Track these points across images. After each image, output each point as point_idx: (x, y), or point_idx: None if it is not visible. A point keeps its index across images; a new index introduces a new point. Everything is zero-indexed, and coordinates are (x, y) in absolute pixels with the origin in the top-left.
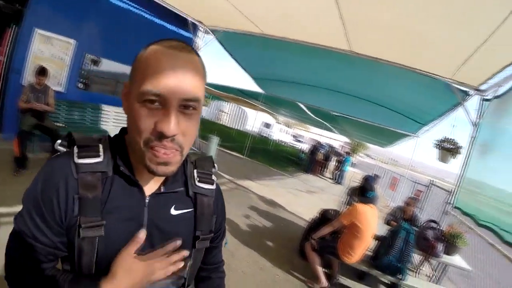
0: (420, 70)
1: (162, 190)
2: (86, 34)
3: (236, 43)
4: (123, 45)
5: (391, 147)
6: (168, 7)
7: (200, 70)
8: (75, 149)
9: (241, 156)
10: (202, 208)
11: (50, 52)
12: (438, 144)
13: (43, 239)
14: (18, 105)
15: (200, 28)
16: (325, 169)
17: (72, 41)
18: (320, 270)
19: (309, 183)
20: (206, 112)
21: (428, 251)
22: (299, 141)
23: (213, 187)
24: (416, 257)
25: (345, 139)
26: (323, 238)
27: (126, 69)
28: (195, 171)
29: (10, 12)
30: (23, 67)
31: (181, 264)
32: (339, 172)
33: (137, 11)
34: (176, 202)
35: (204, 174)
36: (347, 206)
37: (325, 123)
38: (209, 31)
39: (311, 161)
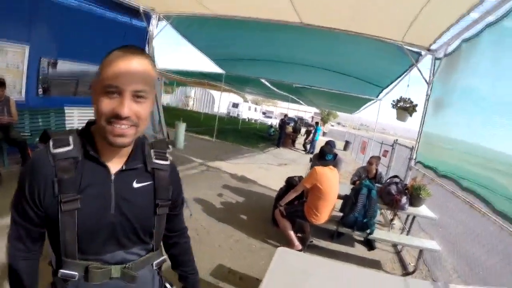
0: (372, 35)
1: (124, 168)
2: (38, 37)
3: (191, 27)
4: (79, 43)
5: (358, 113)
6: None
7: (148, 69)
8: (51, 142)
9: (211, 139)
10: (159, 180)
11: (4, 62)
12: (395, 104)
13: (29, 222)
14: None
15: (153, 16)
16: (296, 141)
17: (26, 46)
18: (292, 235)
19: (281, 156)
20: (172, 99)
21: (393, 205)
22: (269, 117)
23: (168, 162)
24: (387, 213)
25: (314, 109)
26: (291, 204)
27: (85, 67)
28: (152, 150)
29: None
30: None
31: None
32: (310, 143)
33: (87, 6)
34: (137, 177)
35: (159, 152)
36: None
37: (290, 96)
38: (162, 17)
39: (281, 135)
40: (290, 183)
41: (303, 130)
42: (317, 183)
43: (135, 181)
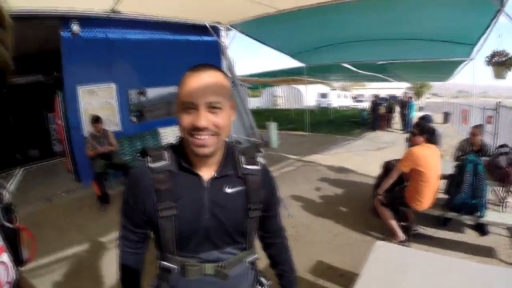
0: None
1: (216, 175)
2: (122, 74)
3: (260, 29)
4: (160, 69)
5: (453, 79)
6: (184, 21)
7: (219, 81)
8: (148, 158)
9: (304, 133)
10: (251, 185)
11: (97, 102)
12: (489, 61)
13: (133, 226)
14: (87, 154)
15: (221, 28)
16: (391, 121)
17: (112, 85)
18: (395, 224)
19: (377, 139)
20: (261, 101)
21: (505, 180)
22: (360, 101)
23: (258, 167)
24: (499, 190)
25: (406, 84)
26: (390, 191)
27: (172, 89)
28: (242, 157)
29: (51, 81)
30: (80, 122)
31: None
32: (406, 120)
33: (158, 35)
34: (229, 183)
35: (250, 158)
36: None
37: (376, 75)
38: (229, 27)
39: (375, 118)
40: (388, 168)
41: (397, 108)
42: (416, 166)
43: (227, 187)
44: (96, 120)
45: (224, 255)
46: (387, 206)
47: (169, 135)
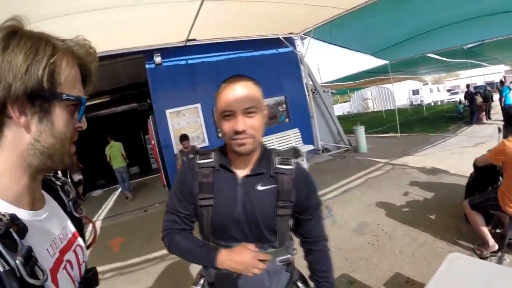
0: None
1: (250, 173)
2: (205, 94)
3: (333, 32)
4: None
5: None
6: (258, 37)
7: (251, 88)
8: (198, 156)
9: (396, 134)
10: (282, 184)
11: (184, 121)
12: None
13: (181, 209)
14: (178, 169)
15: (295, 38)
16: (491, 111)
17: (197, 105)
18: (485, 231)
19: (475, 134)
20: (351, 106)
21: None
22: (455, 93)
23: (291, 167)
24: None
25: (504, 67)
26: (482, 191)
27: None
28: (277, 158)
29: (145, 107)
30: (170, 141)
31: (263, 266)
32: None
33: (234, 56)
34: (261, 181)
35: (284, 159)
36: None
37: (467, 61)
38: (303, 36)
39: (472, 110)
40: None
41: (496, 96)
42: (508, 161)
43: (259, 185)
44: (183, 138)
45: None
46: (477, 210)
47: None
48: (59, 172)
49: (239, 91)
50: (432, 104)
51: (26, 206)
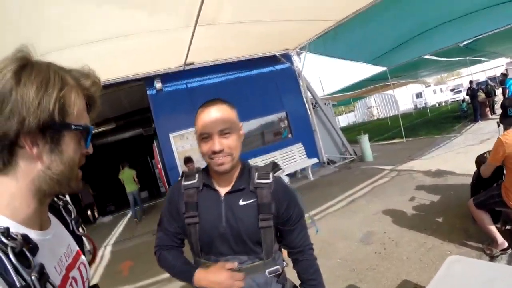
0: None
1: (230, 190)
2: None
3: (328, 44)
4: (244, 105)
5: None
6: (255, 56)
7: (226, 111)
8: (183, 178)
9: (401, 140)
10: (261, 197)
11: (188, 144)
12: None
13: (169, 227)
14: None
15: (291, 53)
16: (495, 107)
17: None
18: (493, 230)
19: (480, 131)
20: (356, 116)
21: None
22: (458, 92)
23: (269, 180)
24: None
25: (505, 60)
26: (486, 189)
27: (259, 121)
28: (256, 173)
29: (151, 133)
30: (175, 163)
31: (240, 284)
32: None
33: (234, 75)
34: (242, 196)
35: (262, 173)
36: None
37: (465, 58)
38: (298, 51)
39: (475, 107)
40: (481, 163)
41: (498, 91)
42: (508, 156)
43: (241, 200)
44: (187, 160)
45: (242, 261)
46: (483, 208)
47: (259, 164)
48: (67, 196)
49: (214, 114)
50: (437, 105)
51: (35, 226)
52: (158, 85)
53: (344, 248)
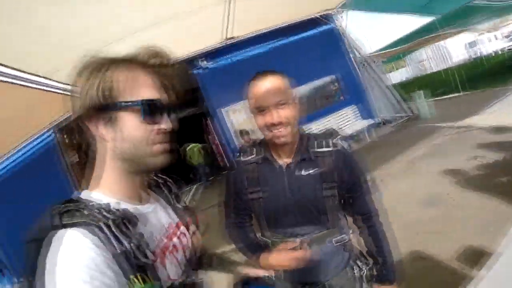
0: None
1: (292, 161)
2: None
3: None
4: (292, 72)
5: None
6: (296, 21)
7: (278, 82)
8: (241, 154)
9: (459, 94)
10: (323, 166)
11: (241, 117)
12: None
13: (236, 205)
14: None
15: (332, 13)
16: None
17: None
18: None
19: None
20: (408, 71)
21: None
22: None
23: (330, 148)
24: None
25: None
26: None
27: (309, 86)
28: (315, 142)
29: (203, 111)
30: (231, 137)
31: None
32: None
33: (278, 43)
34: (304, 166)
35: (322, 141)
36: None
37: None
38: (339, 10)
39: None
40: None
41: None
42: None
43: (303, 170)
44: (243, 133)
45: (307, 231)
46: None
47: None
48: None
49: (268, 86)
50: (493, 54)
51: (135, 201)
52: (202, 64)
53: (405, 211)
